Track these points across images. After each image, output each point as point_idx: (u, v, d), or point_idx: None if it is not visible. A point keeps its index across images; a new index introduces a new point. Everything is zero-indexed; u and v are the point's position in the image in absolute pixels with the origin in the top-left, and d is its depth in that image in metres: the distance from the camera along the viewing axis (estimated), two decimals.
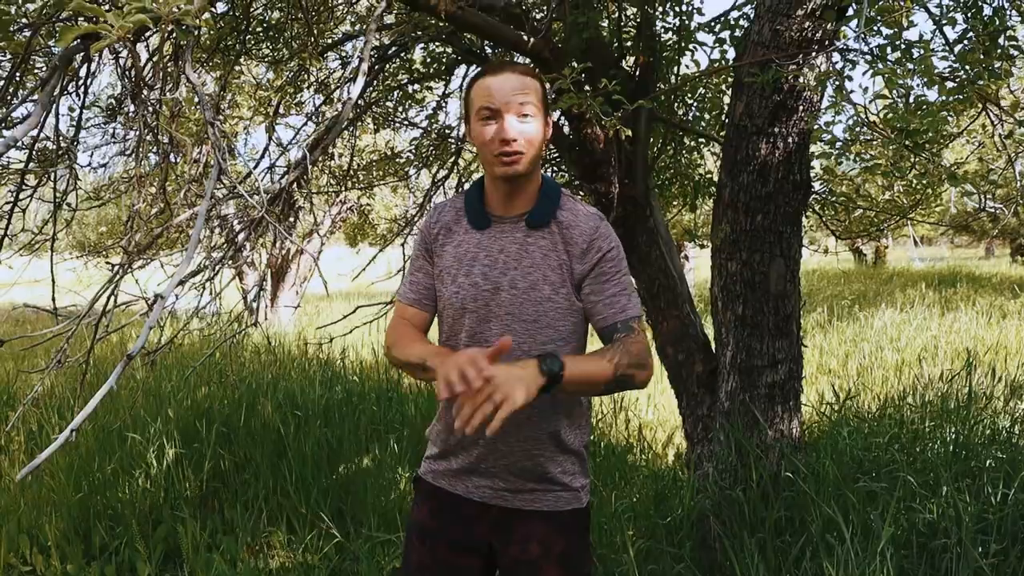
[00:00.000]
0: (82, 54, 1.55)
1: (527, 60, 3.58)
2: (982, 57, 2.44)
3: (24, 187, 2.63)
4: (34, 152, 2.72)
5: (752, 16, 2.91)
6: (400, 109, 4.63)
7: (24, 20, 2.43)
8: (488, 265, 1.78)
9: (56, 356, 2.20)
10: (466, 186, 4.71)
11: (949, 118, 2.27)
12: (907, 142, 2.05)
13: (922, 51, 2.23)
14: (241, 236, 3.06)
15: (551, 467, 1.81)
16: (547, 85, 1.82)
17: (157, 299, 1.48)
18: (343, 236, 14.75)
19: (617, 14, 3.55)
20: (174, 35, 1.33)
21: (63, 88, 2.25)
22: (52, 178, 2.88)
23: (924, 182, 3.73)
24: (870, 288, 14.53)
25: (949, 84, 2.23)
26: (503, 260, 1.77)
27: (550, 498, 1.82)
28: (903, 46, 2.30)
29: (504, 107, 1.67)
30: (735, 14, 3.31)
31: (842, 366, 7.07)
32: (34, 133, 2.20)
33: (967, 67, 2.36)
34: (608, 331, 1.75)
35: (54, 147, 2.67)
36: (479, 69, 1.80)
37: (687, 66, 3.72)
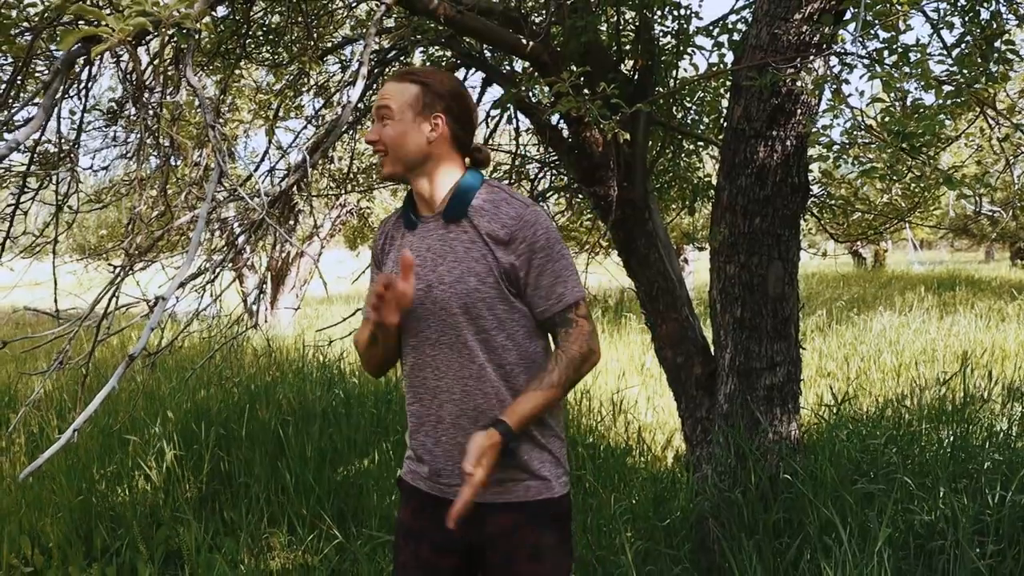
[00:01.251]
0: (83, 57, 1.56)
1: (526, 64, 3.59)
2: (979, 61, 2.45)
3: (26, 190, 2.64)
4: (36, 155, 2.73)
5: (750, 20, 2.93)
6: None
7: (25, 24, 2.44)
8: (419, 264, 1.80)
9: (57, 358, 2.21)
10: None
11: (946, 121, 2.28)
12: (904, 145, 2.06)
13: (919, 55, 2.25)
14: (241, 239, 3.07)
15: (520, 455, 1.79)
16: (434, 86, 1.81)
17: (158, 301, 1.50)
18: (343, 239, 14.76)
19: (615, 18, 3.56)
20: (175, 39, 1.35)
21: (65, 91, 2.26)
22: (54, 181, 2.90)
23: (922, 185, 3.75)
24: (869, 291, 14.54)
25: (946, 88, 2.24)
26: (430, 258, 1.81)
27: (520, 488, 1.79)
28: (900, 50, 2.32)
29: (374, 113, 1.81)
30: (733, 18, 3.33)
31: (841, 369, 7.08)
32: (36, 136, 2.22)
33: (964, 71, 2.38)
34: (548, 324, 1.79)
35: (56, 150, 2.68)
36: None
37: (685, 70, 3.74)
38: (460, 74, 4.42)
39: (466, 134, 1.86)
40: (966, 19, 2.70)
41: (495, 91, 6.73)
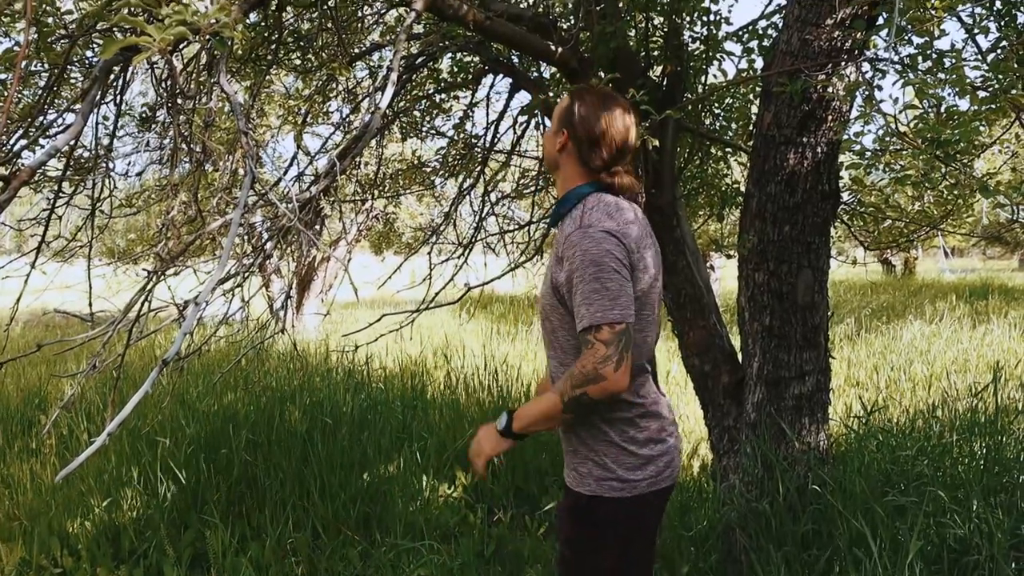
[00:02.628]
0: (120, 65, 1.57)
1: (554, 70, 3.59)
2: (1015, 66, 2.41)
3: (60, 194, 2.67)
4: (71, 160, 2.77)
5: (780, 25, 2.90)
6: (427, 118, 4.66)
7: (62, 31, 2.48)
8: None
9: (92, 361, 2.23)
10: (492, 196, 4.75)
11: (981, 128, 2.24)
12: (938, 152, 2.03)
13: (954, 60, 2.22)
14: (270, 244, 3.09)
15: (568, 444, 2.01)
16: (570, 99, 2.02)
17: (190, 305, 1.51)
18: (368, 244, 14.82)
19: (644, 24, 3.55)
20: (210, 46, 1.36)
21: (102, 98, 2.29)
22: (89, 185, 2.94)
23: (955, 193, 3.69)
24: (898, 299, 14.36)
25: (981, 94, 2.21)
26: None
27: (572, 475, 2.00)
28: (934, 55, 2.29)
29: None
30: (763, 23, 3.31)
31: (870, 378, 6.99)
32: (72, 141, 2.25)
33: (1000, 76, 2.34)
34: (580, 341, 1.88)
35: (91, 155, 2.72)
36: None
37: (714, 76, 3.72)
38: (488, 80, 4.43)
39: (592, 154, 1.97)
40: (1002, 24, 2.66)
41: (523, 97, 6.71)
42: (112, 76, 2.44)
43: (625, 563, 1.94)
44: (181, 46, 2.31)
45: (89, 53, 2.65)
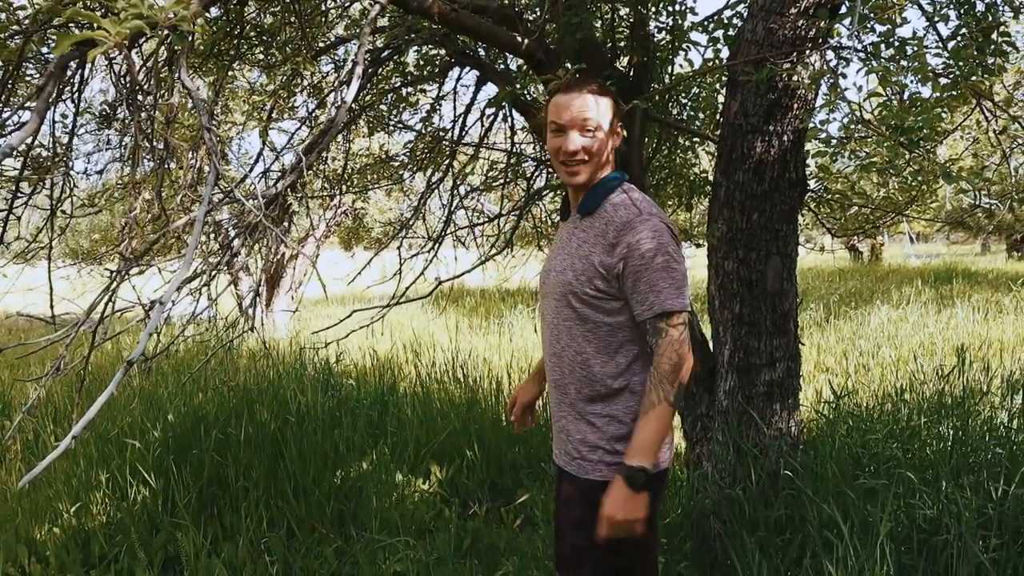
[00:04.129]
0: (77, 61, 1.54)
1: (521, 62, 3.57)
2: (975, 53, 2.44)
3: (19, 195, 2.62)
4: (28, 159, 2.71)
5: (745, 15, 2.91)
6: (394, 112, 4.62)
7: (16, 27, 2.42)
8: (554, 251, 2.12)
9: (54, 363, 2.19)
10: (461, 189, 4.73)
11: (943, 114, 2.27)
12: (902, 139, 2.05)
13: (916, 48, 2.24)
14: (237, 241, 3.05)
15: (574, 432, 2.04)
16: (615, 98, 2.06)
17: (155, 305, 1.48)
18: (338, 240, 14.73)
19: (610, 14, 3.55)
20: (169, 41, 1.33)
21: (58, 95, 2.24)
22: (47, 185, 2.88)
23: (919, 179, 3.74)
24: (866, 285, 14.55)
25: (943, 80, 2.23)
26: (559, 246, 2.09)
27: (574, 465, 2.03)
28: (897, 43, 2.31)
29: (569, 123, 1.97)
30: (728, 13, 3.32)
31: (839, 364, 7.08)
32: (28, 140, 2.20)
33: (961, 63, 2.37)
34: (643, 330, 1.93)
35: (49, 154, 2.66)
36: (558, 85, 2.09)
37: (681, 65, 3.73)
38: (454, 73, 4.41)
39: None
40: (961, 11, 2.69)
41: (490, 89, 6.70)
42: (69, 73, 2.39)
43: (642, 539, 1.98)
44: (141, 41, 2.26)
45: (45, 49, 2.59)
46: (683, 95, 4.03)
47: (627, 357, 1.98)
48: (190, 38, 1.58)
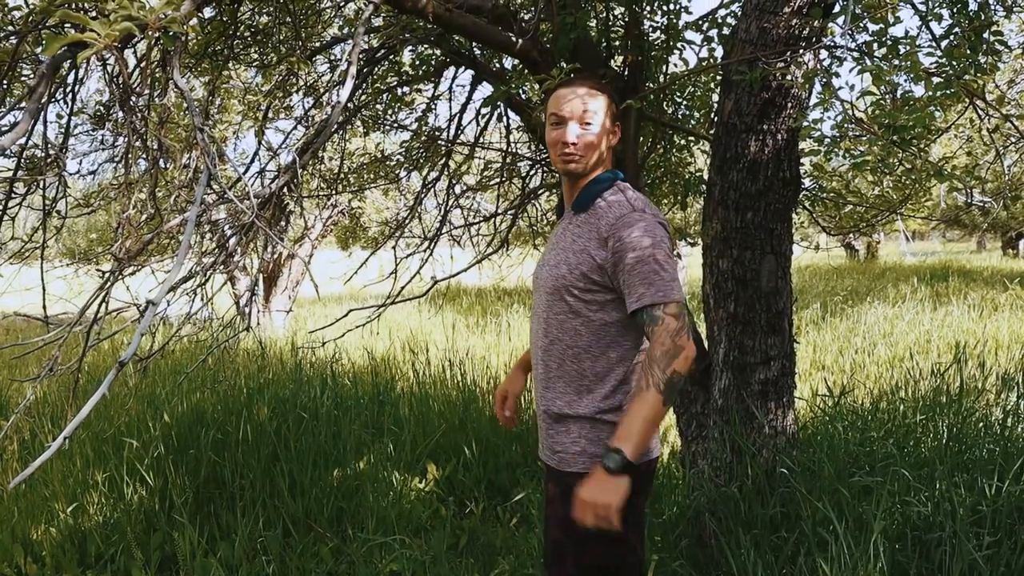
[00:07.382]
0: (69, 62, 1.54)
1: (516, 62, 3.57)
2: (968, 52, 2.45)
3: (13, 195, 2.62)
4: (22, 160, 2.71)
5: (739, 14, 2.92)
6: (389, 112, 4.63)
7: (10, 28, 2.42)
8: (549, 247, 2.14)
9: (48, 363, 2.19)
10: (456, 188, 4.73)
11: (936, 113, 2.28)
12: (895, 138, 2.06)
13: (908, 47, 2.25)
14: (232, 241, 3.05)
15: (556, 429, 2.06)
16: (613, 97, 2.12)
17: (148, 305, 1.48)
18: (335, 239, 14.71)
19: (605, 14, 3.55)
20: (161, 42, 1.33)
21: (51, 95, 2.24)
22: (41, 186, 2.87)
23: (913, 177, 3.75)
24: (862, 283, 14.57)
25: (936, 79, 2.24)
26: (552, 242, 2.13)
27: (557, 459, 2.05)
28: (890, 42, 2.31)
29: (569, 115, 2.01)
30: (722, 12, 3.32)
31: (835, 362, 7.09)
32: (22, 141, 2.20)
33: (953, 62, 2.37)
34: (639, 321, 1.92)
35: (43, 155, 2.66)
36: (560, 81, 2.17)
37: (675, 65, 3.74)
38: (449, 73, 4.41)
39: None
40: (954, 10, 2.70)
41: (485, 89, 6.72)
42: (63, 73, 2.39)
43: (625, 531, 1.96)
44: (134, 41, 2.26)
45: (39, 50, 2.59)
46: (678, 94, 4.03)
47: (618, 352, 2.00)
48: (182, 39, 1.58)
